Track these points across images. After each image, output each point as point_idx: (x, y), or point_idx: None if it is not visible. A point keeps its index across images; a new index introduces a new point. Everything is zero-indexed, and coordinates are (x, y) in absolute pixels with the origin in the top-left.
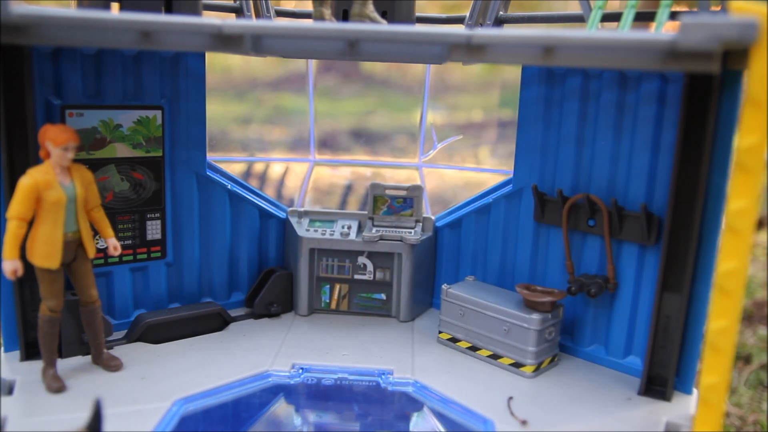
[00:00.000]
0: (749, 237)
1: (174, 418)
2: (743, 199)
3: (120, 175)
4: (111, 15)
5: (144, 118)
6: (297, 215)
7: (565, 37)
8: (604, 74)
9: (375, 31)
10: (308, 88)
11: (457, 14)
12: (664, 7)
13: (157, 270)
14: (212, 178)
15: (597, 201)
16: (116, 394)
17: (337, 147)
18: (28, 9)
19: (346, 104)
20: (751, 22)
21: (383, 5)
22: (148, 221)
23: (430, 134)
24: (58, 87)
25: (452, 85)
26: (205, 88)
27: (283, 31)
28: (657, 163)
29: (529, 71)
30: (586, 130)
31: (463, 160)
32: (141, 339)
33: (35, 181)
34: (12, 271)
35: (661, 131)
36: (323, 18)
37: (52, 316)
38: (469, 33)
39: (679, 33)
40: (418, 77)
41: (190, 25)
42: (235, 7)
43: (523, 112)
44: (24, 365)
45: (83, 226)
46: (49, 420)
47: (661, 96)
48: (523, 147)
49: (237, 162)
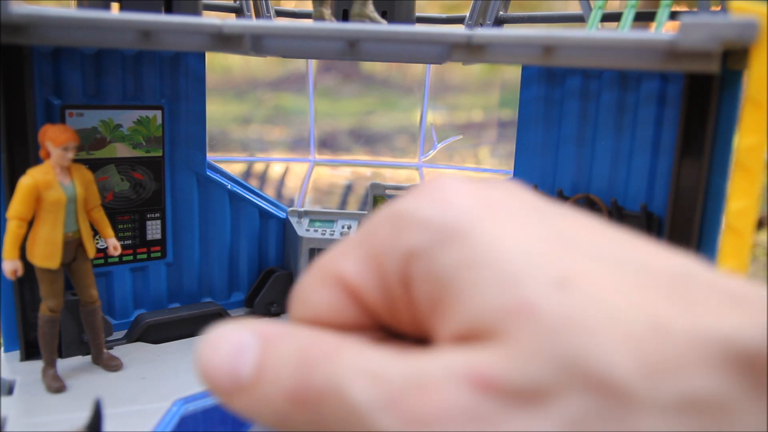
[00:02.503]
0: (749, 237)
1: (174, 418)
2: (743, 199)
3: (120, 175)
4: (111, 15)
5: (144, 118)
6: (297, 215)
7: (565, 37)
8: (604, 74)
9: (375, 31)
10: (308, 88)
11: (457, 14)
12: (664, 7)
13: (157, 270)
14: (212, 178)
15: (597, 201)
16: (116, 394)
17: (337, 147)
18: (28, 9)
19: (346, 104)
20: (751, 22)
21: (383, 5)
22: (148, 221)
23: (430, 134)
24: (58, 87)
25: (452, 85)
26: (205, 88)
27: (283, 31)
28: (657, 163)
29: (529, 71)
30: (586, 130)
31: (463, 160)
32: (141, 339)
33: (35, 181)
34: (12, 271)
35: (661, 131)
36: (323, 18)
37: (52, 316)
38: (469, 33)
39: (679, 33)
40: (418, 77)
41: (190, 25)
42: (235, 7)
43: (523, 112)
44: (24, 365)
45: (83, 226)
46: (49, 420)
47: (661, 96)
48: (523, 147)
49: (237, 162)
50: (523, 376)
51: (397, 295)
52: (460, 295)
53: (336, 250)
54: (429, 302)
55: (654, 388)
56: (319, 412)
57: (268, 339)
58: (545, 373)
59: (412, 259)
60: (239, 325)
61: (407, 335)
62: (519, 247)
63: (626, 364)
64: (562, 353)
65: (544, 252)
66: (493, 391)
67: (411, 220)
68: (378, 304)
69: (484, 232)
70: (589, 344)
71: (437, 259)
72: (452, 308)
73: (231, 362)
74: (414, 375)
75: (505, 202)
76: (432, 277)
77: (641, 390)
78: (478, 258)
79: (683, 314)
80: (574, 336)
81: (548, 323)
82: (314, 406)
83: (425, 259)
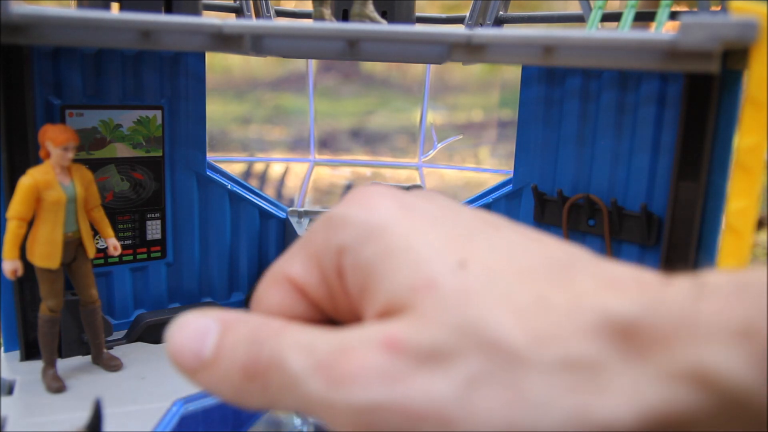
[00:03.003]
0: (749, 237)
1: (174, 418)
2: (743, 199)
3: (120, 175)
4: (111, 15)
5: (144, 118)
6: (297, 215)
7: (565, 37)
8: (604, 74)
9: (375, 31)
10: (308, 88)
11: (457, 14)
12: (664, 7)
13: (157, 270)
14: (212, 178)
15: (597, 201)
16: (116, 394)
17: (337, 147)
18: (28, 9)
19: (346, 104)
20: (751, 22)
21: (383, 5)
22: (148, 221)
23: (430, 134)
24: (58, 87)
25: (452, 85)
26: (205, 88)
27: (283, 31)
28: (657, 163)
29: (529, 71)
30: (586, 130)
31: (463, 160)
32: (141, 339)
33: (35, 181)
34: (12, 271)
35: (661, 131)
36: (323, 18)
37: (52, 316)
38: (469, 33)
39: (679, 33)
40: (418, 77)
41: (190, 25)
42: (235, 7)
43: (523, 112)
44: (24, 365)
45: (83, 226)
46: (49, 420)
47: (661, 96)
48: (523, 147)
49: (237, 162)
50: (426, 340)
51: (335, 287)
52: (379, 280)
53: (285, 255)
54: (358, 289)
55: (539, 351)
56: (266, 382)
57: (227, 324)
58: (445, 337)
59: (342, 253)
60: (203, 313)
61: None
62: (426, 239)
63: (515, 330)
64: (459, 320)
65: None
66: (402, 352)
67: (341, 221)
68: (321, 296)
69: (398, 228)
70: (483, 313)
71: (361, 252)
72: (373, 291)
73: (195, 344)
74: (338, 344)
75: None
76: (358, 267)
77: (528, 352)
78: (393, 249)
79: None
80: (470, 306)
81: (447, 295)
82: (262, 377)
83: (352, 252)
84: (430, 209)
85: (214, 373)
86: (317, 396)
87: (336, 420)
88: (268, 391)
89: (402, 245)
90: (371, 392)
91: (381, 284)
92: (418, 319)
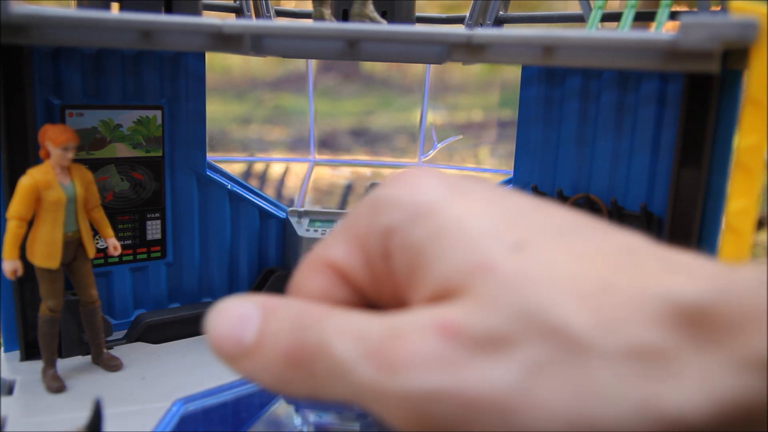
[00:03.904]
0: (749, 237)
1: (174, 418)
2: (743, 199)
3: (120, 175)
4: (111, 15)
5: (144, 118)
6: (297, 215)
7: (565, 37)
8: (604, 74)
9: (375, 31)
10: (308, 88)
11: (457, 14)
12: (664, 7)
13: (157, 270)
14: (212, 178)
15: (597, 201)
16: (116, 394)
17: (337, 147)
18: (28, 9)
19: (346, 104)
20: (751, 22)
21: (383, 5)
22: (148, 221)
23: (430, 134)
24: (58, 87)
25: (452, 85)
26: (205, 88)
27: (283, 31)
28: (657, 163)
29: (529, 71)
30: (586, 130)
31: (463, 160)
32: (141, 339)
33: (35, 181)
34: (12, 271)
35: (661, 131)
36: (323, 18)
37: (52, 316)
38: (469, 33)
39: (679, 33)
40: (418, 77)
41: (190, 25)
42: (235, 7)
43: (523, 112)
44: (24, 365)
45: (83, 226)
46: (49, 420)
47: (661, 96)
48: (523, 147)
49: (237, 162)
50: (484, 325)
51: (380, 270)
52: (430, 262)
53: (325, 241)
54: (406, 271)
55: (604, 337)
56: (311, 369)
57: (269, 309)
58: (505, 323)
59: (389, 234)
60: (243, 298)
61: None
62: (479, 220)
63: (580, 316)
64: (519, 305)
65: (501, 224)
66: (457, 337)
67: (387, 203)
68: (364, 281)
69: (449, 208)
70: (545, 298)
71: (410, 233)
72: (424, 274)
73: (236, 330)
74: (389, 329)
75: (468, 186)
76: (407, 248)
77: (593, 339)
78: (445, 230)
79: (629, 278)
80: (530, 290)
81: (505, 279)
82: (307, 364)
83: (400, 233)
84: (479, 190)
85: (257, 360)
86: (368, 384)
87: (388, 408)
88: (314, 379)
89: (454, 226)
90: (426, 379)
91: (433, 267)
92: (475, 303)
